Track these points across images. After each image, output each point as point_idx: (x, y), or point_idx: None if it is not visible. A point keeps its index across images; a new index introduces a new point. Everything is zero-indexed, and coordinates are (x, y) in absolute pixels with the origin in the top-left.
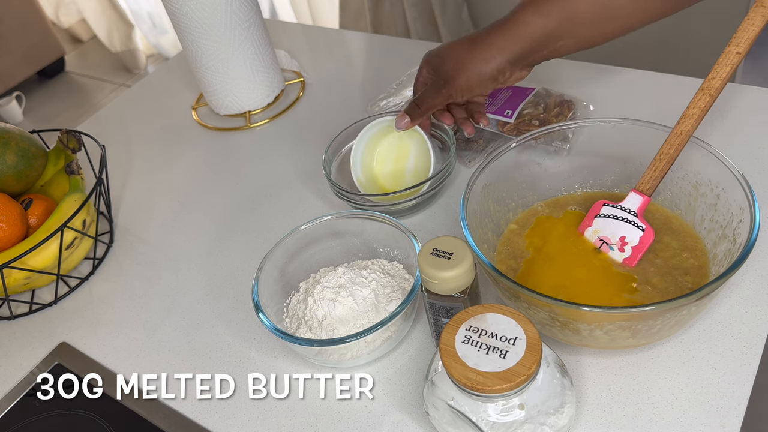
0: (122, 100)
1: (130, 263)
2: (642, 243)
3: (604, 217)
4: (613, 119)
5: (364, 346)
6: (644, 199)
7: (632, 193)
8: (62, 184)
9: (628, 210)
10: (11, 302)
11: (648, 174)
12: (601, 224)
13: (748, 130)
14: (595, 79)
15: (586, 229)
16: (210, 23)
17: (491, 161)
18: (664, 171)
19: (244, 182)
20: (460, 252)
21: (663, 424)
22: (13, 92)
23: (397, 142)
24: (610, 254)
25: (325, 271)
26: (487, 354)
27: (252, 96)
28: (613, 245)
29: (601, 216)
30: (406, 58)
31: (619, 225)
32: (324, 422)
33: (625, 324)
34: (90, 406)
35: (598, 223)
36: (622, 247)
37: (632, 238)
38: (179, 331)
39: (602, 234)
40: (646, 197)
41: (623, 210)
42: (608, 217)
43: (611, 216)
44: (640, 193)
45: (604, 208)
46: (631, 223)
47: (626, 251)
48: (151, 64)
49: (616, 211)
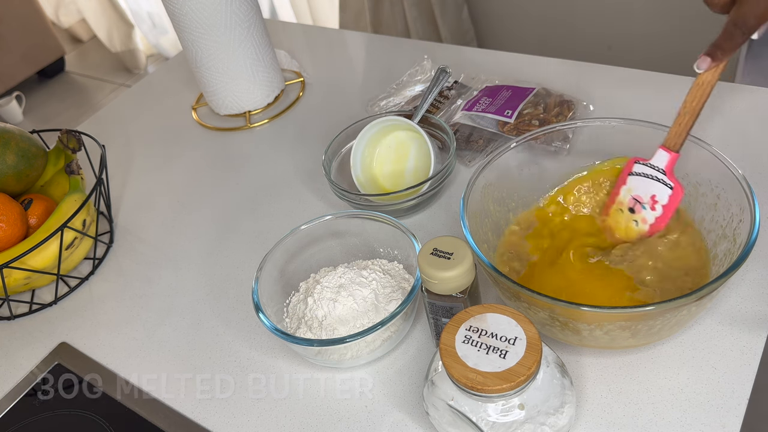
0: (122, 100)
1: (130, 263)
2: (671, 201)
3: (636, 175)
4: (613, 119)
5: (364, 346)
6: (671, 156)
7: (660, 150)
8: (62, 184)
9: (656, 168)
10: (11, 302)
11: (673, 129)
12: (633, 182)
13: (748, 130)
14: (595, 79)
15: (620, 187)
16: (210, 23)
17: (491, 161)
18: (688, 125)
19: (244, 182)
20: (460, 252)
21: (663, 424)
22: (13, 92)
23: (397, 142)
24: (642, 213)
25: (325, 271)
26: (487, 354)
27: (252, 96)
28: (645, 204)
29: (633, 174)
30: (406, 58)
31: (650, 183)
32: (324, 422)
33: (625, 324)
34: (90, 406)
35: (631, 181)
36: (653, 206)
37: (662, 196)
38: (179, 331)
39: (635, 192)
40: (674, 153)
41: (652, 168)
42: (639, 175)
43: (642, 174)
44: (667, 150)
45: (635, 165)
46: (660, 181)
47: (657, 210)
48: (151, 64)
49: (646, 168)
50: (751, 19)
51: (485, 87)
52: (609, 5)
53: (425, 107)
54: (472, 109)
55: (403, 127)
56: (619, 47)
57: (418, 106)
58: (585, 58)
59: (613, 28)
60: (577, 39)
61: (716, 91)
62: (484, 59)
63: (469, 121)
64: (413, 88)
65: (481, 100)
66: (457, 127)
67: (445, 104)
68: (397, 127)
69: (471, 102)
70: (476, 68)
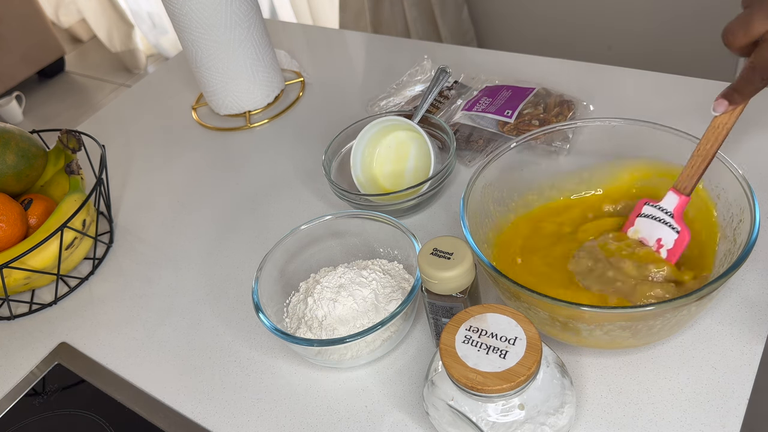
0: (122, 100)
1: (130, 263)
2: (676, 246)
3: (645, 216)
4: (613, 119)
5: (364, 346)
6: (681, 199)
7: (670, 192)
8: (62, 184)
9: (665, 210)
10: (11, 302)
11: (685, 172)
12: (641, 224)
13: (748, 131)
14: (595, 79)
15: (628, 229)
16: (210, 23)
17: (491, 161)
18: (701, 168)
19: (244, 182)
20: (460, 252)
21: (663, 424)
22: (13, 92)
23: (397, 142)
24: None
25: (325, 271)
26: (487, 354)
27: (252, 96)
28: (651, 247)
29: (642, 216)
30: (406, 58)
31: (657, 226)
32: (324, 422)
33: (625, 324)
34: (90, 406)
35: (639, 223)
36: (658, 249)
37: (668, 240)
38: (179, 331)
39: (641, 235)
40: (684, 196)
41: (661, 210)
42: (647, 217)
43: (650, 216)
44: (677, 192)
45: (645, 207)
46: (667, 225)
47: (662, 254)
48: (151, 64)
49: (654, 211)
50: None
51: (485, 87)
52: (609, 5)
53: (425, 107)
54: (472, 109)
55: (403, 127)
56: (619, 47)
57: (418, 106)
58: (585, 58)
59: (613, 28)
60: (577, 39)
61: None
62: (484, 59)
63: (469, 121)
64: (413, 88)
65: (481, 100)
66: (457, 127)
67: (445, 104)
68: (397, 127)
69: (471, 102)
70: (476, 68)
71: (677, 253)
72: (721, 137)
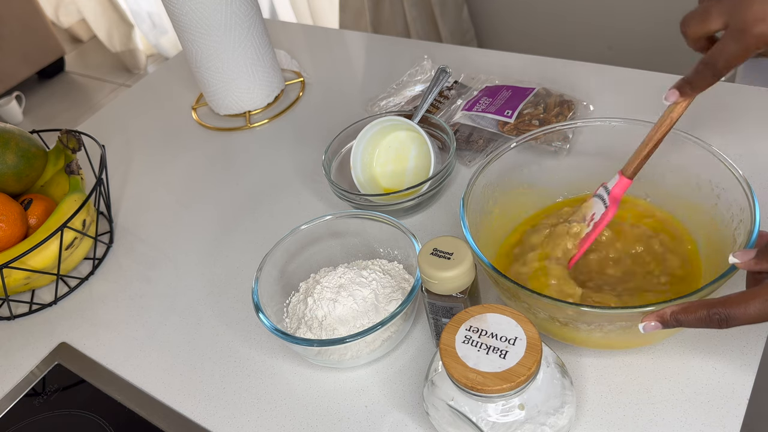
0: (122, 100)
1: (130, 263)
2: (601, 219)
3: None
4: (613, 119)
5: (364, 346)
6: (621, 180)
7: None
8: (62, 184)
9: (606, 189)
10: (11, 302)
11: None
12: (590, 202)
13: (747, 131)
14: (595, 79)
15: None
16: (210, 23)
17: (491, 161)
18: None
19: (244, 182)
20: (460, 252)
21: (663, 424)
22: (13, 92)
23: (397, 142)
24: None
25: (325, 271)
26: (487, 354)
27: (252, 96)
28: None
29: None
30: (406, 58)
31: (597, 203)
32: (324, 422)
33: (625, 324)
34: (90, 406)
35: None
36: (589, 222)
37: (598, 215)
38: (179, 331)
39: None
40: (624, 178)
41: (605, 189)
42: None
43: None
44: (620, 174)
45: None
46: (603, 201)
47: (590, 227)
48: (151, 64)
49: (602, 191)
50: (721, 62)
51: (485, 87)
52: (609, 5)
53: (425, 107)
54: (472, 109)
55: (403, 127)
56: (619, 47)
57: (418, 106)
58: (585, 58)
59: (613, 28)
60: (577, 39)
61: (716, 91)
62: (484, 59)
63: (469, 121)
64: (413, 88)
65: (481, 100)
66: (457, 127)
67: (445, 104)
68: (397, 127)
69: (471, 102)
70: (476, 68)
71: (599, 226)
72: (665, 126)
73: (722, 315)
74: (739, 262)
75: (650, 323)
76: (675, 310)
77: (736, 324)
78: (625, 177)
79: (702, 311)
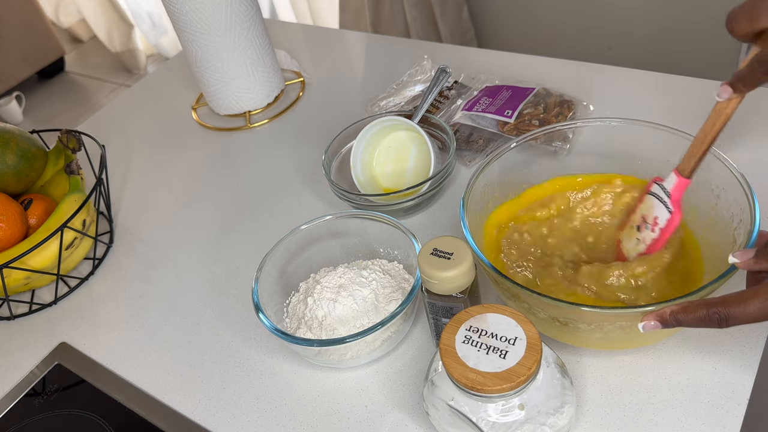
0: (122, 100)
1: (130, 263)
2: (668, 226)
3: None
4: (613, 119)
5: (364, 346)
6: (680, 180)
7: (672, 173)
8: (62, 184)
9: (665, 190)
10: (11, 302)
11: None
12: (648, 202)
13: (747, 130)
14: (595, 79)
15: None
16: (210, 23)
17: (491, 161)
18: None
19: (244, 182)
20: (460, 252)
21: (663, 424)
22: (13, 92)
23: (397, 142)
24: (645, 233)
25: (325, 271)
26: (487, 354)
27: (252, 96)
28: (648, 224)
29: (650, 193)
30: (406, 58)
31: (658, 204)
32: (324, 422)
33: (625, 324)
34: (90, 406)
35: (647, 200)
36: (654, 227)
37: (662, 219)
38: (179, 331)
39: (645, 212)
40: (682, 179)
41: (663, 189)
42: (653, 195)
43: (656, 194)
44: (677, 174)
45: (653, 185)
46: (664, 204)
47: (655, 232)
48: (151, 64)
49: (658, 189)
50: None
51: (485, 87)
52: (610, 5)
53: (425, 107)
54: (472, 109)
55: (403, 127)
56: (620, 47)
57: (418, 106)
58: (585, 58)
59: (614, 28)
60: (577, 39)
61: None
62: (484, 59)
63: (469, 121)
64: (413, 88)
65: (481, 100)
66: (457, 127)
67: (445, 104)
68: (397, 127)
69: (471, 102)
70: (476, 68)
71: (667, 233)
72: (720, 122)
73: (722, 314)
74: (738, 262)
75: (650, 323)
76: (674, 309)
77: (736, 323)
78: (683, 177)
79: (701, 311)
